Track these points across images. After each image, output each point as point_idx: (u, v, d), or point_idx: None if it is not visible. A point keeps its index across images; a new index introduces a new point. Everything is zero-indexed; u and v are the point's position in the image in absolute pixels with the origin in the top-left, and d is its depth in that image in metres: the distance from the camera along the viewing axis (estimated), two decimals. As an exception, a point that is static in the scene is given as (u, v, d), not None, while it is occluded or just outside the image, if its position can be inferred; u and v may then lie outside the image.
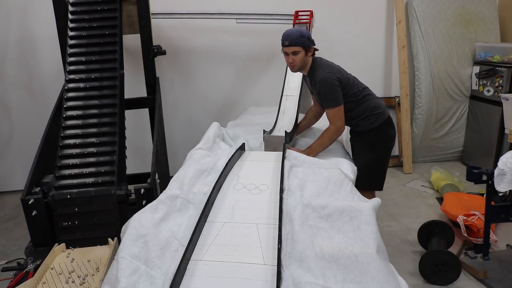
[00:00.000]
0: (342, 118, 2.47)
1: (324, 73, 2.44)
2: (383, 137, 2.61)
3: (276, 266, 1.42)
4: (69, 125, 2.46)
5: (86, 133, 2.44)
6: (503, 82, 4.07)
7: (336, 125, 2.46)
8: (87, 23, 2.81)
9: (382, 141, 2.62)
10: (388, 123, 2.61)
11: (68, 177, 2.28)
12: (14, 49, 4.14)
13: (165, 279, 1.44)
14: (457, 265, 2.55)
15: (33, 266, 1.97)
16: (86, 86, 2.61)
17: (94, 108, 2.54)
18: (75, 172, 2.29)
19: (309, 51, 2.46)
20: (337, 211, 1.67)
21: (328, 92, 2.43)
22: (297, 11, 3.68)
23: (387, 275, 1.43)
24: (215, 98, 4.59)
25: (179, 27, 4.25)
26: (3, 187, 4.45)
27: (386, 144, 2.66)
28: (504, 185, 2.45)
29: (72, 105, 2.53)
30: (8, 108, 4.30)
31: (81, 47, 2.74)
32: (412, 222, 3.36)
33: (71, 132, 2.44)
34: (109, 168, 2.33)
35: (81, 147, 2.39)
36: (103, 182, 2.27)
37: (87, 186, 2.24)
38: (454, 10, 4.49)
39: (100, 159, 2.36)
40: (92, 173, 2.31)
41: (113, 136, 2.44)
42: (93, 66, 2.68)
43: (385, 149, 2.67)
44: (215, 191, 1.91)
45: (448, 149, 4.80)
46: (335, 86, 2.42)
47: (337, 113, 2.45)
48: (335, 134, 2.48)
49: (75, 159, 2.35)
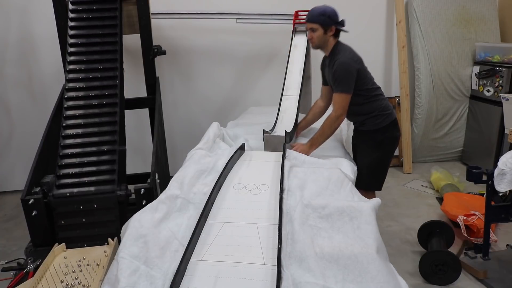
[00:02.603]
0: (345, 108, 2.43)
1: (346, 58, 2.40)
2: (389, 138, 2.59)
3: (276, 266, 1.42)
4: (70, 124, 2.46)
5: (86, 133, 2.44)
6: (503, 82, 4.07)
7: (337, 113, 2.43)
8: (87, 23, 2.81)
9: (387, 142, 2.60)
10: (394, 124, 2.60)
11: (68, 176, 2.28)
12: (14, 49, 4.14)
13: (165, 279, 1.44)
14: (457, 265, 2.55)
15: (33, 266, 1.97)
16: (86, 86, 2.60)
17: (94, 109, 2.53)
18: (75, 171, 2.29)
19: (329, 30, 2.42)
20: (337, 211, 1.67)
21: (343, 76, 2.39)
22: (297, 11, 3.67)
23: (387, 275, 1.43)
24: (215, 98, 4.59)
25: (179, 27, 4.25)
26: (3, 187, 4.45)
27: (391, 146, 2.64)
28: (504, 185, 2.45)
29: (72, 105, 2.53)
30: (8, 108, 4.30)
31: (81, 48, 2.73)
32: (412, 222, 3.36)
33: (71, 132, 2.43)
34: (110, 168, 2.33)
35: (81, 147, 2.39)
36: (103, 182, 2.27)
37: (87, 186, 2.25)
38: (454, 10, 4.49)
39: (100, 159, 2.36)
40: (92, 172, 2.31)
41: (113, 135, 2.44)
42: (93, 65, 2.68)
43: (390, 150, 2.66)
44: (215, 191, 1.91)
45: (448, 149, 4.80)
46: (351, 73, 2.39)
47: (343, 100, 2.41)
48: (335, 123, 2.44)
49: (76, 158, 2.35)
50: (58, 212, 2.16)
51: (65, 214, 2.18)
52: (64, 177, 2.27)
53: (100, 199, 2.19)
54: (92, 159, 2.35)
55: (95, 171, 2.31)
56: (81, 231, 2.17)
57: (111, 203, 2.20)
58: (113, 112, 2.52)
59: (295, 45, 3.44)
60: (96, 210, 2.19)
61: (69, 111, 2.51)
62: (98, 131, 2.45)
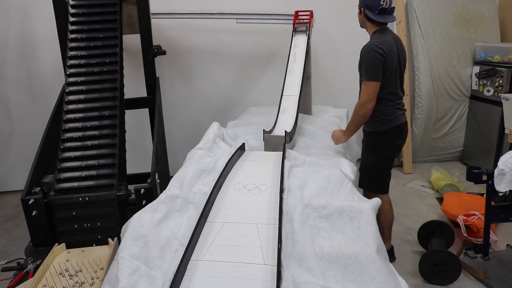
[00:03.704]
0: (371, 95, 2.33)
1: (370, 43, 2.37)
2: (385, 143, 2.51)
3: (276, 266, 1.42)
4: (70, 127, 2.45)
5: (86, 136, 2.43)
6: (503, 82, 4.07)
7: (361, 100, 2.37)
8: (87, 23, 2.80)
9: (383, 147, 2.51)
10: (397, 131, 2.50)
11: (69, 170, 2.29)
12: (14, 49, 4.14)
13: (165, 279, 1.44)
14: (457, 265, 2.54)
15: (33, 266, 1.97)
16: (86, 89, 2.60)
17: (94, 110, 2.53)
18: (75, 175, 2.28)
19: (361, 12, 2.47)
20: (337, 211, 1.67)
21: (367, 62, 2.33)
22: (297, 11, 3.67)
23: (387, 275, 1.43)
24: (215, 98, 4.59)
25: (179, 27, 4.25)
26: (3, 187, 4.45)
27: (387, 152, 2.54)
28: (504, 185, 2.44)
29: (72, 109, 2.52)
30: (8, 108, 4.30)
31: (81, 48, 2.73)
32: (412, 222, 3.36)
33: (71, 135, 2.43)
34: (110, 168, 2.33)
35: (81, 148, 2.39)
36: (103, 183, 2.26)
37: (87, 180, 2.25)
38: (454, 10, 4.49)
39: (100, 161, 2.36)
40: (93, 171, 2.31)
41: (113, 138, 2.44)
42: (93, 65, 2.67)
43: (385, 157, 2.56)
44: (215, 191, 1.91)
45: (448, 149, 4.80)
46: (377, 59, 2.30)
47: (367, 88, 2.33)
48: (360, 110, 2.39)
49: (76, 151, 2.35)
50: (58, 212, 2.16)
51: (65, 215, 2.17)
52: (64, 181, 2.25)
53: (100, 199, 2.19)
54: (92, 162, 2.34)
55: (95, 175, 2.30)
56: (81, 231, 2.17)
57: (111, 200, 2.19)
58: (113, 115, 2.52)
59: (295, 45, 3.44)
60: (96, 211, 2.19)
61: (69, 114, 2.50)
62: (98, 134, 2.44)
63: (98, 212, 2.17)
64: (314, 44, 4.01)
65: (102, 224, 2.17)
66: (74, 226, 2.15)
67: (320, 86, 4.27)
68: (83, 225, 2.16)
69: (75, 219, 2.16)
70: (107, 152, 2.38)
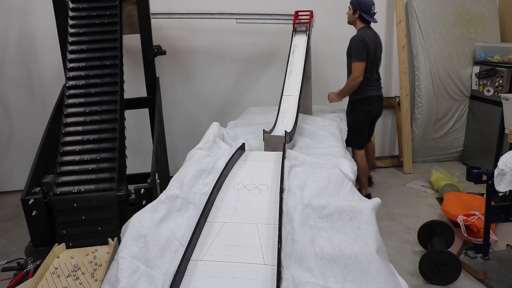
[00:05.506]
0: (360, 72, 3.32)
1: (357, 35, 3.38)
2: (357, 109, 3.54)
3: (276, 266, 1.42)
4: (70, 130, 2.44)
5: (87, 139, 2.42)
6: (503, 82, 4.07)
7: (353, 75, 3.35)
8: (87, 23, 2.80)
9: (356, 111, 3.55)
10: (366, 100, 3.47)
11: (69, 174, 2.28)
12: (14, 49, 4.14)
13: (165, 279, 1.44)
14: (457, 265, 2.55)
15: (33, 266, 1.97)
16: (86, 92, 2.59)
17: (94, 114, 2.52)
18: (75, 178, 2.28)
19: (355, 13, 3.41)
20: (337, 211, 1.67)
21: (354, 48, 3.33)
22: (297, 11, 3.67)
23: (387, 275, 1.43)
24: (215, 98, 4.59)
25: (179, 27, 4.25)
26: (3, 187, 4.45)
27: (361, 115, 3.54)
28: (504, 185, 2.44)
29: (72, 112, 2.51)
30: (8, 108, 4.30)
31: (81, 51, 2.72)
32: (412, 222, 3.36)
33: (71, 138, 2.42)
34: (110, 168, 2.32)
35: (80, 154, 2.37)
36: (103, 182, 2.26)
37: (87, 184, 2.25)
38: (454, 10, 4.49)
39: (100, 161, 2.35)
40: (93, 171, 2.30)
41: (114, 142, 2.43)
42: (93, 68, 2.67)
43: (359, 119, 3.55)
44: (215, 191, 1.91)
45: (448, 149, 4.80)
46: (361, 45, 3.29)
47: (357, 67, 3.32)
48: (351, 81, 3.40)
49: (75, 165, 2.34)
50: (57, 212, 2.16)
51: (65, 214, 2.17)
52: (63, 185, 2.25)
53: (100, 199, 2.19)
54: (92, 166, 2.33)
55: (95, 177, 2.29)
56: (81, 231, 2.17)
57: (111, 202, 2.19)
58: (113, 119, 2.51)
59: (295, 45, 3.44)
60: (96, 211, 2.19)
61: (69, 118, 2.49)
62: (98, 138, 2.43)
63: (98, 212, 2.17)
64: (314, 44, 4.01)
65: (102, 224, 2.16)
66: (74, 226, 2.14)
67: (320, 86, 4.27)
68: (83, 225, 2.15)
69: (75, 219, 2.15)
70: (108, 156, 2.37)
